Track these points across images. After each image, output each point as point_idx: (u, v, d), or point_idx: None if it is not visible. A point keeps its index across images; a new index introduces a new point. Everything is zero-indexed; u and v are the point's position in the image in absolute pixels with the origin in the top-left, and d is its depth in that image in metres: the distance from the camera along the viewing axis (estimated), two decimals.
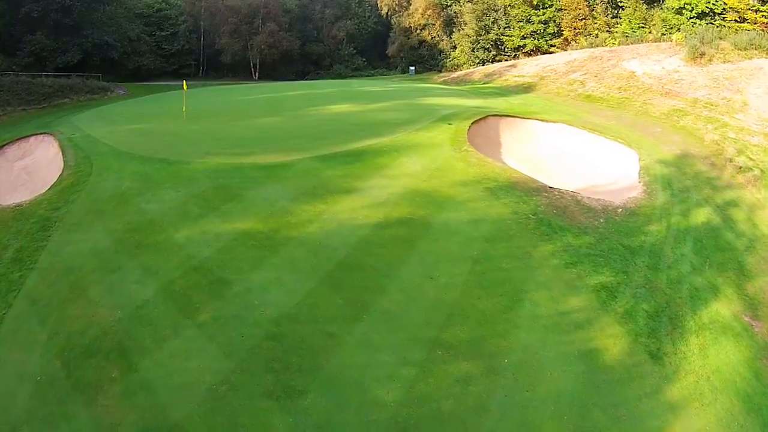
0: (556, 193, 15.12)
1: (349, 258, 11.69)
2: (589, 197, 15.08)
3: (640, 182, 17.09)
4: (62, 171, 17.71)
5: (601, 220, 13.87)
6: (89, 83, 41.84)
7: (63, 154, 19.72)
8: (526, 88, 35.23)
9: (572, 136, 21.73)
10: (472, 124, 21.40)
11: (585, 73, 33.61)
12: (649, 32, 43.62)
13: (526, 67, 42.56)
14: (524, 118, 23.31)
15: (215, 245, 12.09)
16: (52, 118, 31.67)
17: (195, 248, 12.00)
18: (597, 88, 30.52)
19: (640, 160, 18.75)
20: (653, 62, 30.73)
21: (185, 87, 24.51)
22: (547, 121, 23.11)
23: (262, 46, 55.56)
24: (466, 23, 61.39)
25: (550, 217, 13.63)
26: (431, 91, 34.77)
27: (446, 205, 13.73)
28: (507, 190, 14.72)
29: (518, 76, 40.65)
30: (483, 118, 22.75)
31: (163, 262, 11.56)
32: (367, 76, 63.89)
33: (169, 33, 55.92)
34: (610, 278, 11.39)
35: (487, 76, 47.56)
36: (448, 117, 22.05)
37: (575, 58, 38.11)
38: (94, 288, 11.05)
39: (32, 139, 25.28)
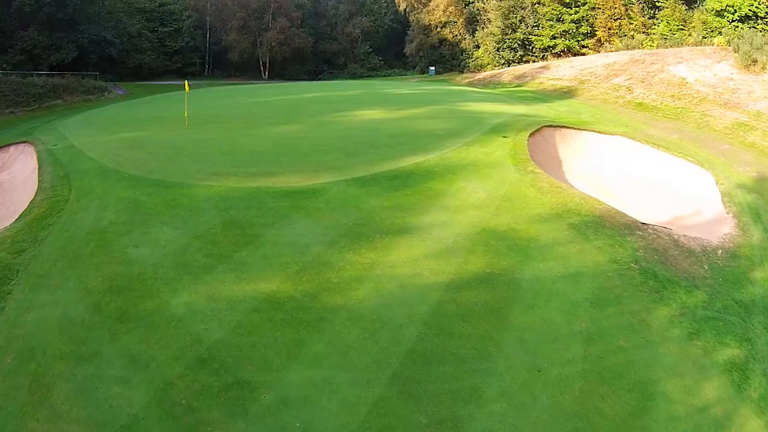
0: (650, 231, 12.62)
1: (423, 342, 8.31)
2: (685, 236, 12.77)
3: (728, 213, 14.92)
4: (35, 195, 14.34)
5: (705, 267, 11.69)
6: (85, 83, 38.85)
7: (39, 171, 16.44)
8: (566, 93, 33.45)
9: (635, 152, 19.96)
10: (528, 137, 19.11)
11: (629, 78, 32.08)
12: (689, 35, 41.96)
13: (561, 70, 40.83)
14: (580, 129, 21.42)
15: (229, 320, 8.66)
16: (40, 122, 28.53)
17: (200, 325, 8.60)
18: (647, 95, 29.12)
19: (717, 183, 16.80)
20: (701, 68, 29.47)
21: (187, 88, 21.10)
22: (604, 133, 21.26)
23: (273, 43, 52.30)
24: (490, 21, 58.79)
25: (653, 265, 11.05)
26: (466, 95, 32.05)
27: (530, 251, 10.83)
28: (595, 228, 12.07)
29: (554, 79, 38.83)
30: (538, 129, 20.50)
31: (155, 349, 8.15)
32: (384, 76, 60.80)
33: (172, 29, 52.79)
34: (735, 351, 9.26)
35: (517, 78, 45.22)
36: (499, 128, 19.47)
37: (614, 61, 36.31)
38: (60, 389, 7.73)
39: (12, 148, 22.24)
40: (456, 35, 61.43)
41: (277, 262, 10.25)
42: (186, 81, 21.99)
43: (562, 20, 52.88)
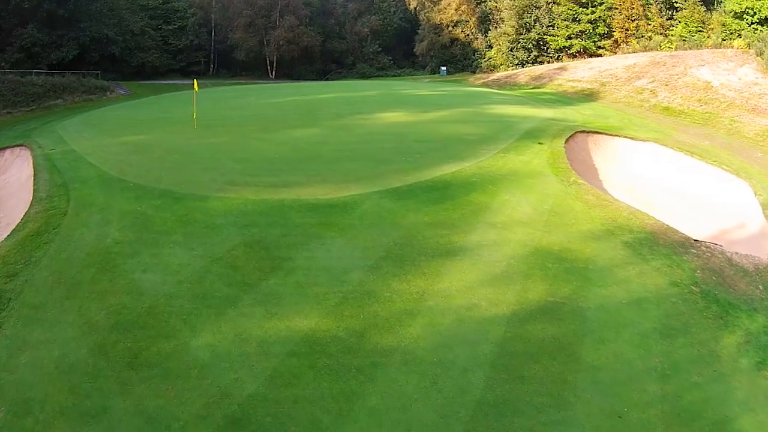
0: (704, 248, 11.85)
1: (493, 389, 7.09)
2: (737, 253, 12.05)
3: None
4: (29, 206, 12.89)
5: (760, 287, 10.94)
6: (86, 82, 37.44)
7: (35, 179, 14.99)
8: (588, 96, 32.70)
9: (669, 160, 19.32)
10: (564, 143, 18.32)
11: (652, 81, 31.71)
12: (708, 37, 41.26)
13: (579, 71, 40.27)
14: (612, 135, 20.70)
15: (263, 368, 7.27)
16: (38, 123, 27.10)
17: (229, 374, 7.22)
18: (672, 99, 28.71)
19: (756, 194, 15.92)
20: (725, 71, 29.13)
21: (196, 87, 19.64)
22: (636, 139, 20.56)
23: (281, 42, 50.68)
24: (503, 20, 57.36)
25: (713, 287, 10.31)
26: (487, 97, 30.87)
27: (590, 274, 9.86)
28: (649, 246, 11.20)
29: (573, 81, 38.24)
30: (571, 135, 19.64)
31: (176, 406, 6.77)
32: (394, 76, 59.35)
33: (176, 27, 51.33)
34: None
35: (534, 79, 44.25)
36: (532, 133, 18.48)
37: (635, 63, 35.78)
38: None
39: (8, 152, 20.92)
40: (468, 35, 59.96)
41: (313, 292, 8.84)
42: (195, 80, 20.51)
43: (579, 20, 51.78)
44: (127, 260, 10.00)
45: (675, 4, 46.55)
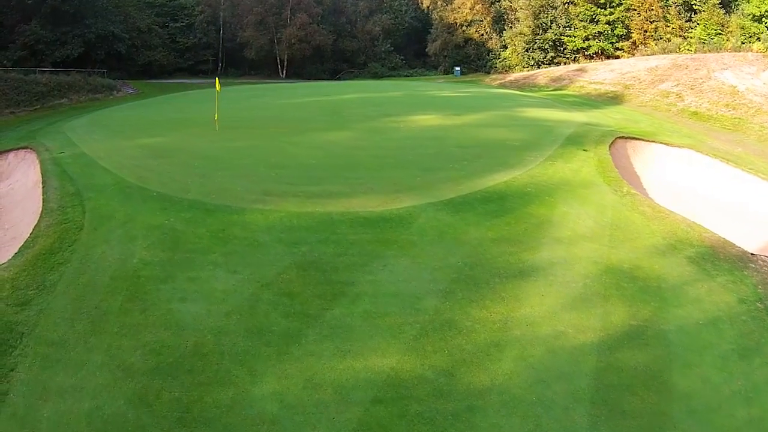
0: (760, 262, 11.39)
1: (598, 429, 6.42)
2: None
3: None
4: (39, 219, 11.40)
5: None
6: (92, 80, 35.94)
7: (43, 186, 13.48)
8: (613, 99, 32.38)
9: (705, 167, 18.88)
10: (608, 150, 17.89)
11: (677, 84, 31.56)
12: (727, 40, 41.37)
13: (600, 73, 39.88)
14: (649, 141, 20.32)
15: (346, 420, 6.40)
16: (43, 123, 25.62)
17: (306, 431, 5.68)
18: (699, 104, 28.47)
19: None
20: (748, 75, 29.06)
21: (218, 86, 18.12)
22: (671, 145, 20.14)
23: (293, 40, 49.09)
24: (518, 20, 56.24)
25: None
26: (515, 99, 29.84)
27: (663, 293, 9.42)
28: (712, 262, 10.73)
29: (595, 83, 37.84)
30: (612, 141, 19.15)
31: None
32: (406, 76, 57.98)
33: (184, 24, 49.76)
34: None
35: (554, 80, 43.52)
36: (574, 139, 17.84)
37: (656, 65, 35.59)
38: None
39: (11, 155, 19.45)
40: (482, 34, 58.63)
41: (386, 323, 7.77)
42: (217, 79, 19.02)
43: (597, 21, 51.12)
44: (159, 286, 8.54)
45: (694, 6, 46.42)
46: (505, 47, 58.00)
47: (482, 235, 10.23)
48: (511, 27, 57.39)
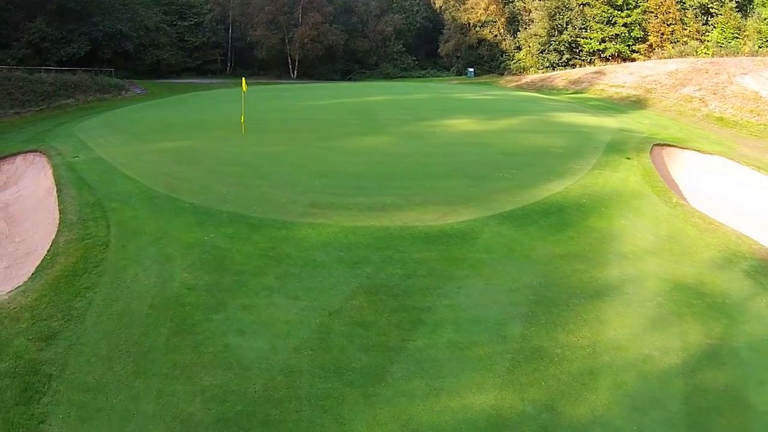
0: None
1: None
2: None
3: None
4: (56, 233, 10.11)
5: None
6: (99, 80, 34.67)
7: (58, 195, 12.19)
8: (636, 103, 32.12)
9: (737, 175, 18.40)
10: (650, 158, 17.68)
11: (699, 89, 31.35)
12: (744, 44, 41.63)
13: (619, 76, 39.52)
14: (683, 148, 19.99)
15: None
16: (51, 125, 24.37)
17: None
18: (724, 110, 28.09)
19: None
20: None
21: (245, 86, 16.83)
22: (704, 152, 19.83)
23: (305, 40, 47.84)
24: (533, 21, 55.28)
25: None
26: (542, 103, 29.38)
27: (729, 310, 9.04)
28: (766, 275, 10.35)
29: (616, 87, 37.50)
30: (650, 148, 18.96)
31: None
32: (418, 77, 56.90)
33: (192, 23, 48.52)
34: None
35: (572, 83, 42.86)
36: (615, 147, 17.49)
37: (676, 69, 35.47)
38: None
39: (19, 159, 18.21)
40: (496, 35, 57.54)
41: (475, 354, 7.02)
42: (243, 79, 17.75)
43: (614, 23, 50.48)
44: (210, 316, 7.30)
45: (711, 9, 46.29)
46: (519, 48, 57.05)
47: (550, 252, 9.67)
48: (525, 28, 56.50)
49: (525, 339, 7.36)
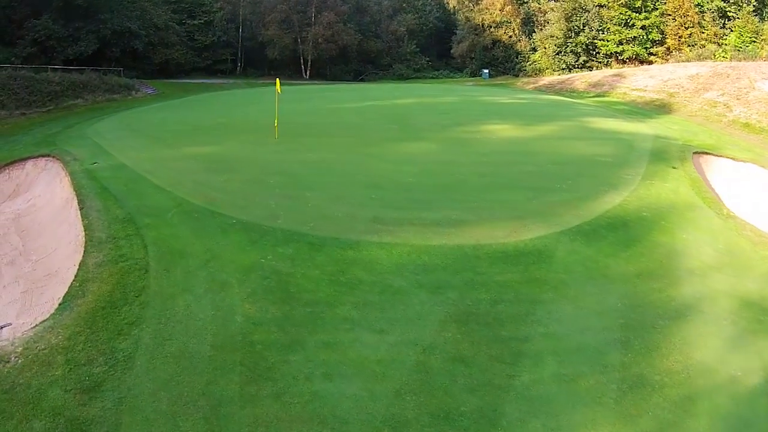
0: None
1: None
2: None
3: None
4: (83, 255, 8.90)
5: None
6: (108, 80, 33.41)
7: (81, 207, 10.97)
8: (661, 108, 31.92)
9: None
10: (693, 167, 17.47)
11: (722, 94, 31.16)
12: (762, 48, 41.65)
13: (639, 79, 39.22)
14: (718, 155, 19.74)
15: None
16: (60, 126, 23.16)
17: None
18: (749, 115, 27.70)
19: None
20: None
21: (279, 87, 15.57)
22: (737, 159, 19.60)
23: (319, 40, 46.60)
24: (548, 22, 54.37)
25: None
26: (573, 107, 28.77)
27: None
28: None
29: (638, 90, 37.15)
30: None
31: None
32: (432, 78, 55.79)
33: (202, 22, 47.28)
34: None
35: (593, 86, 42.20)
36: (658, 155, 17.16)
37: (697, 73, 35.39)
38: None
39: (29, 164, 16.99)
40: (511, 36, 56.43)
41: (582, 387, 6.43)
42: (277, 79, 16.51)
43: (631, 25, 49.85)
44: (287, 357, 6.23)
45: (728, 13, 46.06)
46: (534, 50, 56.05)
47: (624, 270, 9.33)
48: (540, 29, 55.54)
49: (625, 367, 6.96)
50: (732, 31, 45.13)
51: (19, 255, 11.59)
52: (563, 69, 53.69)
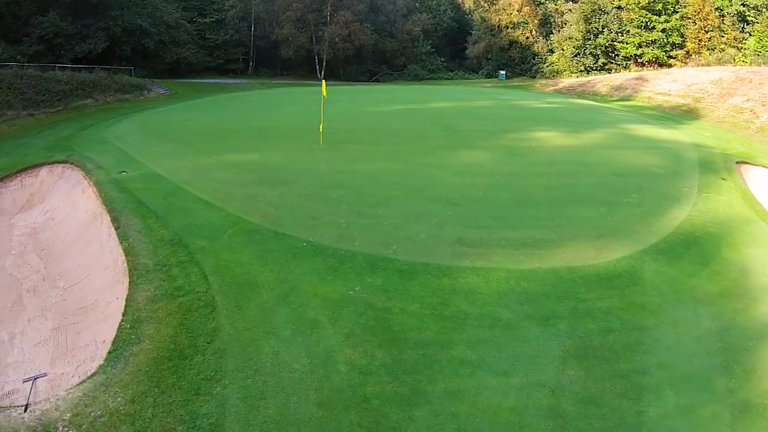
0: None
1: None
2: None
3: None
4: (128, 287, 7.67)
5: None
6: (118, 79, 32.14)
7: (114, 225, 9.73)
8: (688, 113, 31.70)
9: None
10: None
11: (747, 99, 31.05)
12: None
13: (662, 83, 39.05)
14: (756, 164, 19.43)
15: None
16: (73, 128, 21.86)
17: None
18: None
19: None
20: None
21: (324, 91, 14.28)
22: None
23: (336, 39, 45.35)
24: (566, 24, 53.28)
25: None
26: (607, 113, 28.04)
27: None
28: None
29: (662, 94, 36.85)
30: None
31: None
32: (447, 78, 54.58)
33: (213, 20, 45.98)
34: None
35: (615, 89, 41.56)
36: (706, 165, 16.81)
37: (720, 78, 35.43)
38: None
39: (44, 170, 15.62)
40: (528, 37, 55.27)
41: (702, 417, 6.15)
42: (324, 81, 15.27)
43: (651, 28, 49.24)
44: (411, 412, 5.65)
45: (747, 17, 45.43)
46: (551, 51, 54.95)
47: (708, 290, 9.02)
48: (558, 31, 54.53)
49: (731, 392, 6.76)
50: (751, 35, 44.65)
51: (42, 280, 10.24)
52: (581, 71, 52.82)
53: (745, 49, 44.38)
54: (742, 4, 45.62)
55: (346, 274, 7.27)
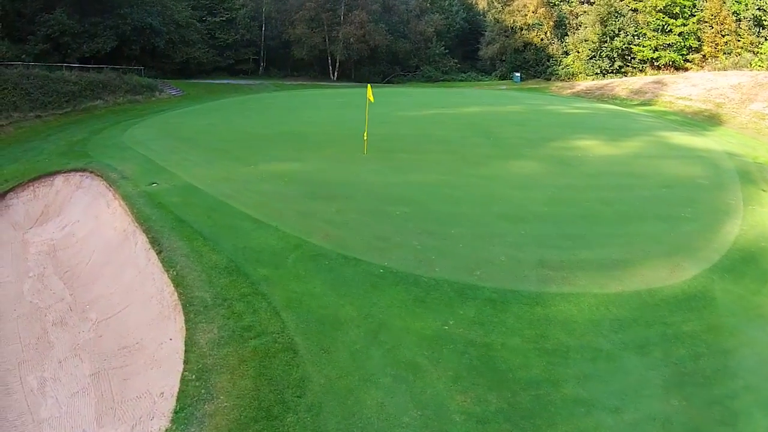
0: None
1: None
2: None
3: None
4: (185, 328, 6.97)
5: None
6: (128, 79, 31.47)
7: (156, 249, 8.86)
8: (710, 119, 31.62)
9: None
10: None
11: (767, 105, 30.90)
12: None
13: (682, 87, 38.85)
14: None
15: None
16: (85, 132, 21.06)
17: None
18: None
19: None
20: None
21: (371, 96, 13.43)
22: None
23: (351, 39, 44.67)
24: (581, 26, 52.80)
25: None
26: (637, 119, 27.92)
27: None
28: None
29: (683, 99, 36.79)
30: None
31: None
32: (460, 80, 54.02)
33: (223, 19, 45.06)
34: None
35: (634, 93, 41.18)
36: (744, 176, 16.63)
37: (739, 83, 35.45)
38: None
39: (58, 179, 14.52)
40: (542, 39, 54.68)
41: None
42: (369, 85, 14.48)
43: (668, 31, 49.14)
44: None
45: (763, 22, 45.49)
46: (566, 53, 54.39)
47: None
48: (573, 33, 54.01)
49: None
50: (767, 39, 44.72)
51: (68, 310, 9.12)
52: (597, 74, 52.45)
53: (761, 53, 44.49)
54: (759, 9, 45.83)
55: (435, 306, 6.59)
